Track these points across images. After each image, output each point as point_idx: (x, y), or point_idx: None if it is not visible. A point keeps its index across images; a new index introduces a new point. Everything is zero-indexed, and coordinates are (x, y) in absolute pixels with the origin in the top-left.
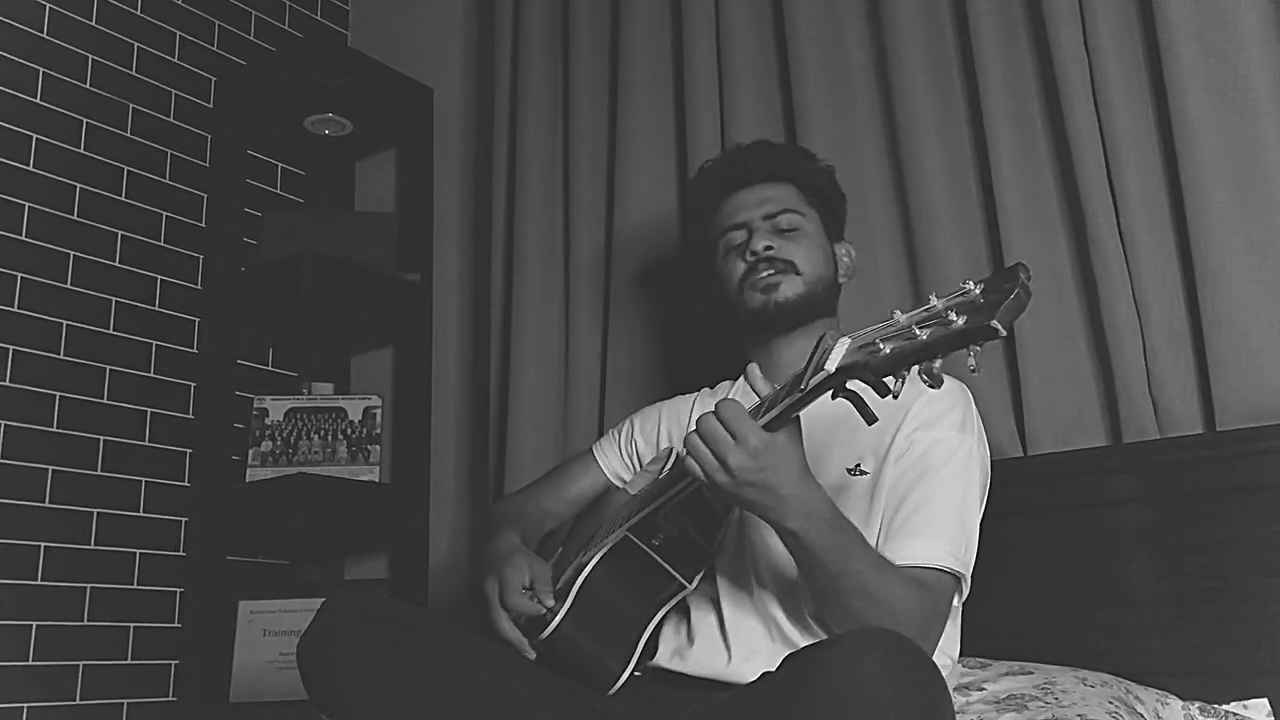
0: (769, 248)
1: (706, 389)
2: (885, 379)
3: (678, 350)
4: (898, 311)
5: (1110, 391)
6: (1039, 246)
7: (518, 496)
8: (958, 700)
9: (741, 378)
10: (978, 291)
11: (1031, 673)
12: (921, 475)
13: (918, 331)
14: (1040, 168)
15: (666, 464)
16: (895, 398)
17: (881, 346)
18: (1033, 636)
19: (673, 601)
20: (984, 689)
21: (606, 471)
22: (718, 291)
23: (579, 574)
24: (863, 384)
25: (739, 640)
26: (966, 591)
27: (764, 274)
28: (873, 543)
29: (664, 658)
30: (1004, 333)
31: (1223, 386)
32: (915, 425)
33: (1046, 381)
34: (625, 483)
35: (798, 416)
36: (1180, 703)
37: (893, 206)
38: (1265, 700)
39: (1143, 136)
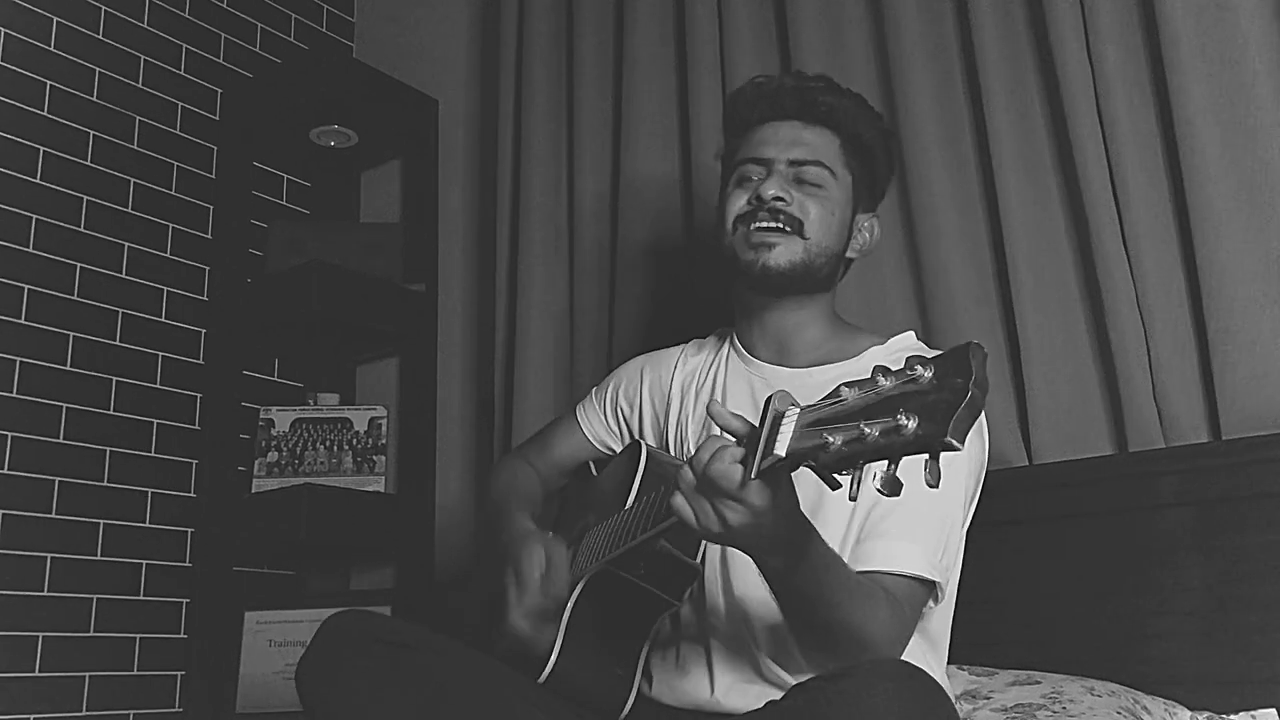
0: (779, 198)
1: (696, 341)
2: (838, 476)
3: None
4: (844, 387)
5: (1115, 400)
6: (1043, 254)
7: (520, 463)
8: (964, 709)
9: (728, 342)
10: (929, 378)
11: (1039, 682)
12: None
13: (866, 429)
14: (1044, 176)
15: (636, 479)
16: (853, 500)
17: (829, 439)
18: (1039, 645)
19: (663, 617)
20: (991, 698)
21: (590, 437)
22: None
23: (563, 611)
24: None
25: (724, 670)
26: (945, 597)
27: (763, 224)
28: (849, 543)
29: (655, 690)
30: (961, 448)
31: (1228, 395)
32: None
33: (1051, 390)
34: (597, 473)
35: None
36: (1188, 713)
37: (895, 212)
38: (1273, 710)
39: (1146, 144)
